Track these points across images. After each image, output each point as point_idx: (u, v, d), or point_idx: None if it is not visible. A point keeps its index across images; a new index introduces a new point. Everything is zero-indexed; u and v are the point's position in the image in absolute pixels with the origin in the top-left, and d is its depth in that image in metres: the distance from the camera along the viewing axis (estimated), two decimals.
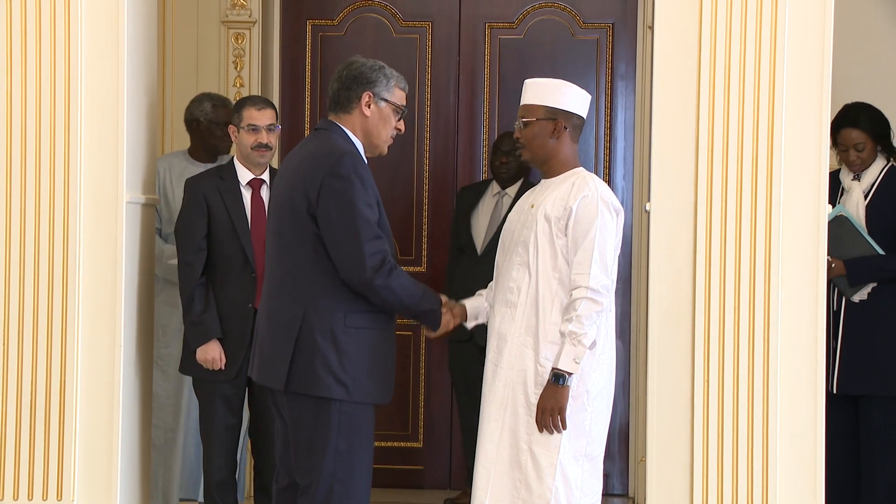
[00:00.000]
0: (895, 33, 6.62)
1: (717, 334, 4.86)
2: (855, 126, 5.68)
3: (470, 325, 4.56)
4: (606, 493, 4.51)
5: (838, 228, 5.52)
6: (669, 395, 4.91)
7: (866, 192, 5.66)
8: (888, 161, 5.71)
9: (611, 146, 7.03)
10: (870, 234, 5.56)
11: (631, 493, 6.94)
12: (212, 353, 5.14)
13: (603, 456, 4.39)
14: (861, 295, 5.60)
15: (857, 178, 5.70)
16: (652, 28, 5.24)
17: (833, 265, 5.49)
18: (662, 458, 4.92)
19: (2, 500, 4.96)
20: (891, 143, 5.72)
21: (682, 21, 4.89)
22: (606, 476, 4.51)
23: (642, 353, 6.24)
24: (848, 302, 5.61)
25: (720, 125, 4.87)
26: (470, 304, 4.54)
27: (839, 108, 5.85)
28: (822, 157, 4.88)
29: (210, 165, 5.83)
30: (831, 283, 5.56)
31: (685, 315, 4.90)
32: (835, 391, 5.61)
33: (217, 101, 5.93)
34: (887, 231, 5.60)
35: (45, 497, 4.97)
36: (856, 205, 5.64)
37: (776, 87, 4.85)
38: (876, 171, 5.69)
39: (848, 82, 6.24)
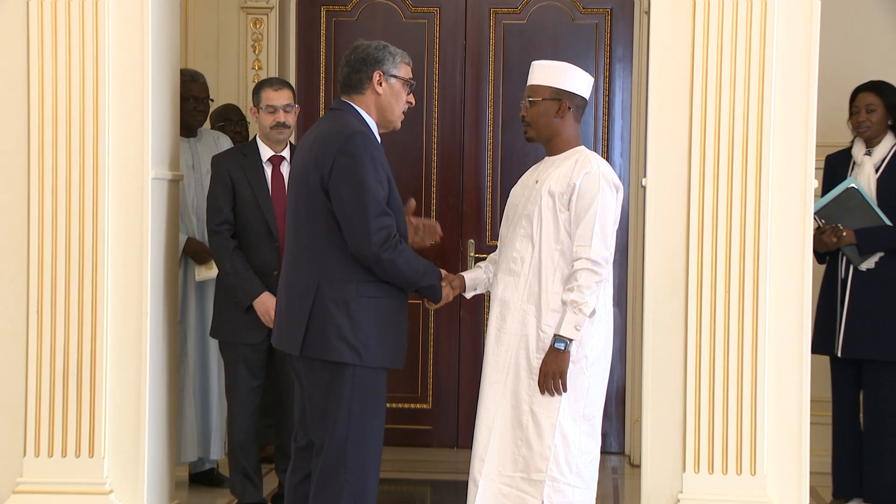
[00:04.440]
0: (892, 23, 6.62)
1: (709, 302, 4.87)
2: (872, 90, 5.69)
3: (468, 295, 4.58)
4: (604, 452, 4.52)
5: (849, 200, 5.54)
6: (664, 359, 4.93)
7: (877, 165, 5.65)
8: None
9: (609, 125, 7.03)
10: (879, 206, 5.55)
11: (627, 452, 6.98)
12: (269, 303, 5.07)
13: (601, 417, 4.40)
14: (868, 264, 5.58)
15: (869, 153, 5.68)
16: (648, 13, 5.24)
17: (844, 234, 5.50)
18: (657, 419, 4.94)
19: (37, 456, 4.99)
20: None
21: (678, 6, 4.90)
22: (604, 435, 4.51)
23: (638, 320, 6.26)
24: (855, 270, 5.59)
25: (712, 105, 4.87)
26: (468, 276, 4.56)
27: (835, 92, 5.92)
28: (809, 133, 4.88)
29: (191, 140, 5.88)
30: (840, 251, 5.57)
31: (679, 284, 4.91)
32: (839, 355, 5.62)
33: (187, 75, 5.82)
34: None
35: (77, 454, 5.00)
36: (867, 178, 5.63)
37: (766, 69, 4.85)
38: (887, 146, 5.67)
39: (845, 69, 6.27)
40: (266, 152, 5.30)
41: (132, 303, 5.03)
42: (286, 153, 5.28)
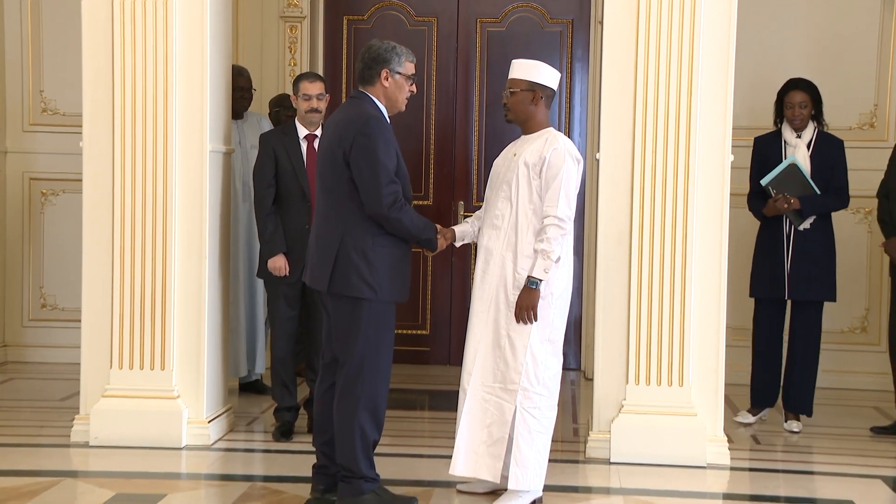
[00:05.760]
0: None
1: (648, 250, 4.86)
2: (799, 89, 5.61)
3: (458, 244, 4.52)
4: (564, 368, 4.50)
5: (790, 173, 5.52)
6: (612, 295, 4.93)
7: (808, 145, 5.61)
8: (815, 126, 5.64)
9: (570, 111, 6.99)
10: (812, 178, 5.53)
11: (582, 368, 6.99)
12: (279, 263, 5.14)
13: (563, 341, 4.38)
14: (805, 224, 5.57)
15: (799, 136, 5.62)
16: (601, 23, 5.17)
17: (793, 201, 5.49)
18: (606, 342, 4.95)
19: (121, 368, 5.01)
20: (821, 112, 5.65)
21: (625, 18, 4.87)
22: (565, 355, 4.48)
23: (592, 264, 6.26)
24: (796, 230, 5.57)
25: (652, 95, 4.84)
26: (458, 229, 4.50)
27: (760, 87, 5.89)
28: (727, 118, 4.87)
29: (238, 121, 5.85)
30: (784, 216, 5.56)
31: (624, 237, 4.90)
32: (786, 297, 5.60)
33: (234, 70, 5.68)
34: (826, 177, 5.57)
35: (152, 367, 5.01)
36: (803, 156, 5.59)
37: (694, 65, 4.82)
38: (811, 130, 5.63)
39: (767, 70, 6.23)
40: (302, 131, 5.24)
41: (194, 249, 5.01)
42: (319, 132, 5.23)
